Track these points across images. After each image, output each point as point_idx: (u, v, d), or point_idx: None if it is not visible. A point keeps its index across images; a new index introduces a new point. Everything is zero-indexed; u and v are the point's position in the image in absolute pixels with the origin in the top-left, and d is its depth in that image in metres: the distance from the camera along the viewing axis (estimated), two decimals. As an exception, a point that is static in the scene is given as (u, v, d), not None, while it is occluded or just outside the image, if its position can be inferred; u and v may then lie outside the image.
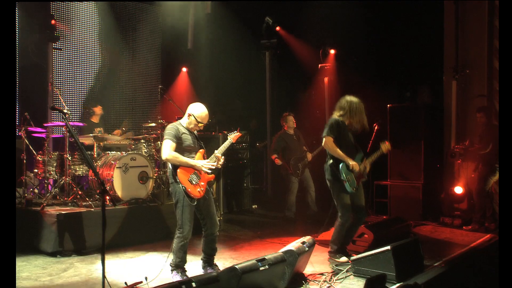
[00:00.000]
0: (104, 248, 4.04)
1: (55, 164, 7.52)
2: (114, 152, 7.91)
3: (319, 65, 10.97)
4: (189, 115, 5.50)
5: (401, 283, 5.26)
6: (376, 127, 9.38)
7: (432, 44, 9.46)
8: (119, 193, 7.26)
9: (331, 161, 6.19)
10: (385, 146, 6.63)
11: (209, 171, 5.53)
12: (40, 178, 7.56)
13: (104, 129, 8.86)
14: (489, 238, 7.57)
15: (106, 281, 4.03)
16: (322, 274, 5.71)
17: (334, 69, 10.87)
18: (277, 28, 11.66)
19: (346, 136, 6.21)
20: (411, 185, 9.10)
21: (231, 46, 12.04)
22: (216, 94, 12.53)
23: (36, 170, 7.60)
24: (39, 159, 7.48)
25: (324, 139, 6.12)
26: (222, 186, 9.87)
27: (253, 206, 10.56)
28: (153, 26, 12.02)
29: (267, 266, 4.73)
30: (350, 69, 10.59)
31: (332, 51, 10.90)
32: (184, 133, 5.45)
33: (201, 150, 5.60)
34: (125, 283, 4.81)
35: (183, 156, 5.36)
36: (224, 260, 6.38)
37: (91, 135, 7.70)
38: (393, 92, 10.02)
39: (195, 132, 5.65)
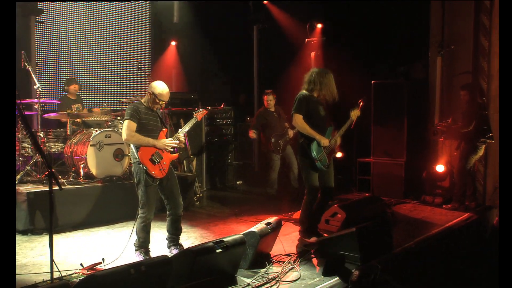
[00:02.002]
0: (52, 231, 4.02)
1: (29, 141, 7.46)
2: (92, 128, 7.83)
3: (306, 39, 10.80)
4: (150, 93, 5.41)
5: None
6: (361, 104, 9.26)
7: (419, 19, 9.25)
8: (93, 170, 7.22)
9: (302, 139, 6.13)
10: (355, 112, 6.44)
11: (172, 150, 5.46)
12: (17, 155, 7.49)
13: (83, 105, 8.78)
14: (466, 217, 7.51)
15: (54, 264, 4.00)
16: (288, 254, 5.68)
17: (321, 44, 10.69)
18: (265, 2, 11.48)
19: (316, 111, 6.11)
20: (393, 162, 9.01)
21: (218, 20, 11.83)
22: (204, 68, 12.40)
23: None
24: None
25: (293, 116, 6.05)
26: (205, 162, 9.84)
27: (238, 182, 10.53)
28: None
29: (224, 248, 4.70)
30: (336, 44, 10.40)
31: (319, 26, 10.71)
32: (145, 112, 5.37)
33: (164, 129, 5.52)
34: (81, 264, 4.81)
35: (145, 135, 5.30)
36: (194, 239, 6.37)
37: (66, 112, 7.62)
38: (379, 68, 9.86)
39: (158, 110, 5.57)
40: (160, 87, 5.42)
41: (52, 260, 4.02)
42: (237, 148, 10.97)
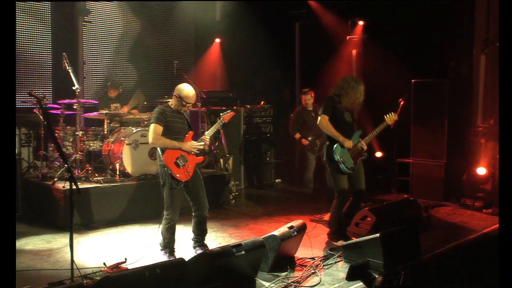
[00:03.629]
0: (72, 231, 4.17)
1: (71, 140, 7.75)
2: (129, 127, 8.03)
3: (347, 36, 10.67)
4: (176, 96, 5.48)
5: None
6: (402, 102, 9.06)
7: (463, 15, 8.94)
8: (128, 169, 7.42)
9: (327, 142, 6.15)
10: (390, 117, 6.35)
11: (198, 152, 5.54)
12: (58, 153, 7.79)
13: (122, 104, 8.99)
14: (506, 223, 7.22)
15: (74, 264, 4.16)
16: (312, 258, 5.66)
17: (363, 41, 10.54)
18: (308, -1, 11.42)
19: (342, 116, 6.11)
20: (433, 163, 8.78)
21: (261, 17, 11.83)
22: (246, 65, 12.41)
23: (54, 145, 7.86)
24: (55, 135, 7.71)
25: (319, 117, 6.06)
26: (243, 160, 9.90)
27: (276, 181, 10.54)
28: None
29: (242, 252, 4.73)
30: (378, 42, 10.20)
31: (361, 23, 10.54)
32: (171, 115, 5.46)
33: (190, 132, 5.60)
34: (104, 263, 4.97)
35: (171, 138, 5.40)
36: (222, 239, 6.45)
37: (103, 112, 7.85)
38: (421, 66, 9.58)
39: (186, 112, 5.64)
40: (187, 90, 5.48)
41: (72, 260, 4.19)
42: (279, 145, 10.95)
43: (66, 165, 4.26)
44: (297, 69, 11.89)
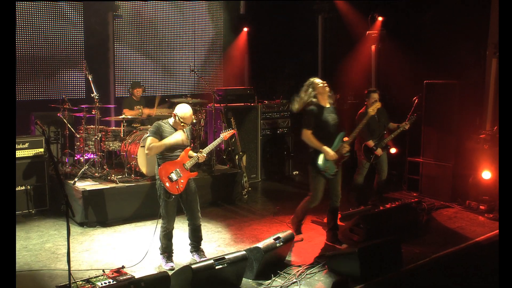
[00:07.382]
0: (69, 249, 4.72)
1: (93, 139, 8.36)
2: (149, 126, 8.55)
3: (367, 32, 10.76)
4: (174, 115, 5.94)
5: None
6: (416, 101, 9.19)
7: (479, 18, 8.91)
8: (143, 169, 7.98)
9: (312, 149, 6.55)
10: (373, 108, 6.99)
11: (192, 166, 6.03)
12: (82, 152, 8.44)
13: (144, 106, 9.48)
14: (503, 231, 7.37)
15: (71, 277, 4.75)
16: (299, 265, 6.07)
17: (381, 37, 10.61)
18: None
19: (325, 120, 6.45)
20: (441, 165, 8.93)
21: (285, 10, 12.01)
22: (270, 59, 12.63)
23: (78, 143, 8.53)
24: (77, 136, 8.37)
25: (302, 131, 6.49)
26: (260, 154, 10.31)
27: (294, 173, 10.91)
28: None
29: (225, 265, 5.22)
30: (396, 39, 10.26)
31: (380, 18, 10.59)
32: (169, 131, 5.90)
33: (187, 148, 6.06)
34: (103, 270, 5.56)
35: (169, 154, 5.89)
36: (222, 241, 6.93)
37: (121, 117, 8.37)
38: (436, 66, 9.62)
39: (185, 129, 6.08)
40: (184, 110, 5.91)
41: (69, 273, 4.75)
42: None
43: (63, 193, 4.76)
44: (320, 61, 12.08)
